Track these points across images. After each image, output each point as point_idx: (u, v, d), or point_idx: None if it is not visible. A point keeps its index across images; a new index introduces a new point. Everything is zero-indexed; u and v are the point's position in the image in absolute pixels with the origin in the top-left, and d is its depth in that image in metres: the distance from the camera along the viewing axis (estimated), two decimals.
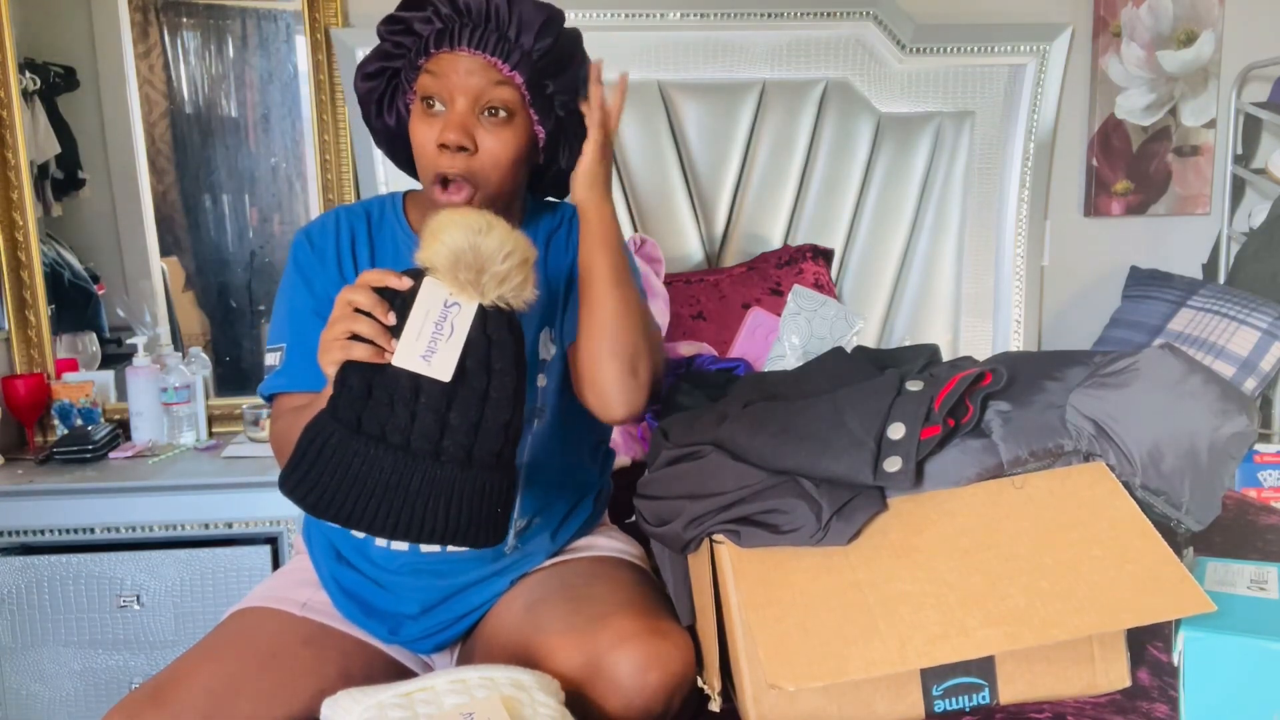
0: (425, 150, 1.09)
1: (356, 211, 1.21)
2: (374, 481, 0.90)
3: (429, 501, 0.90)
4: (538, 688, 0.90)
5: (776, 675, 0.87)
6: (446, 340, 0.92)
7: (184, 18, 2.34)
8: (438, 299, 0.93)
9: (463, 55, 1.07)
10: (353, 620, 1.16)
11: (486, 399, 0.93)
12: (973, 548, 0.95)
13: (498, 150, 1.09)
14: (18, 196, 2.19)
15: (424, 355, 0.92)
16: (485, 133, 1.08)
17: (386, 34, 1.12)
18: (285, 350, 1.15)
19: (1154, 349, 1.07)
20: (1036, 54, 2.35)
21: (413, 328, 0.92)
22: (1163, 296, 2.33)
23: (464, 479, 0.91)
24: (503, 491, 0.94)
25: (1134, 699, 0.98)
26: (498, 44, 1.07)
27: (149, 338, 2.21)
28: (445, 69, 1.07)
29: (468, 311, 0.93)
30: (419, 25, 1.09)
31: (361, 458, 0.90)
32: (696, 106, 2.30)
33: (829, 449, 0.98)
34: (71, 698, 1.92)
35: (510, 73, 1.08)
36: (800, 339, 2.06)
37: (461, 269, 0.92)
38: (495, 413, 0.93)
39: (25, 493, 1.91)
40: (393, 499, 0.90)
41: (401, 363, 0.91)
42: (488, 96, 1.08)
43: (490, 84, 1.07)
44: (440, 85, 1.08)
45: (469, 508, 0.92)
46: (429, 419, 0.91)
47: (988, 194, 2.43)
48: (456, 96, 1.07)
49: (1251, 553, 1.37)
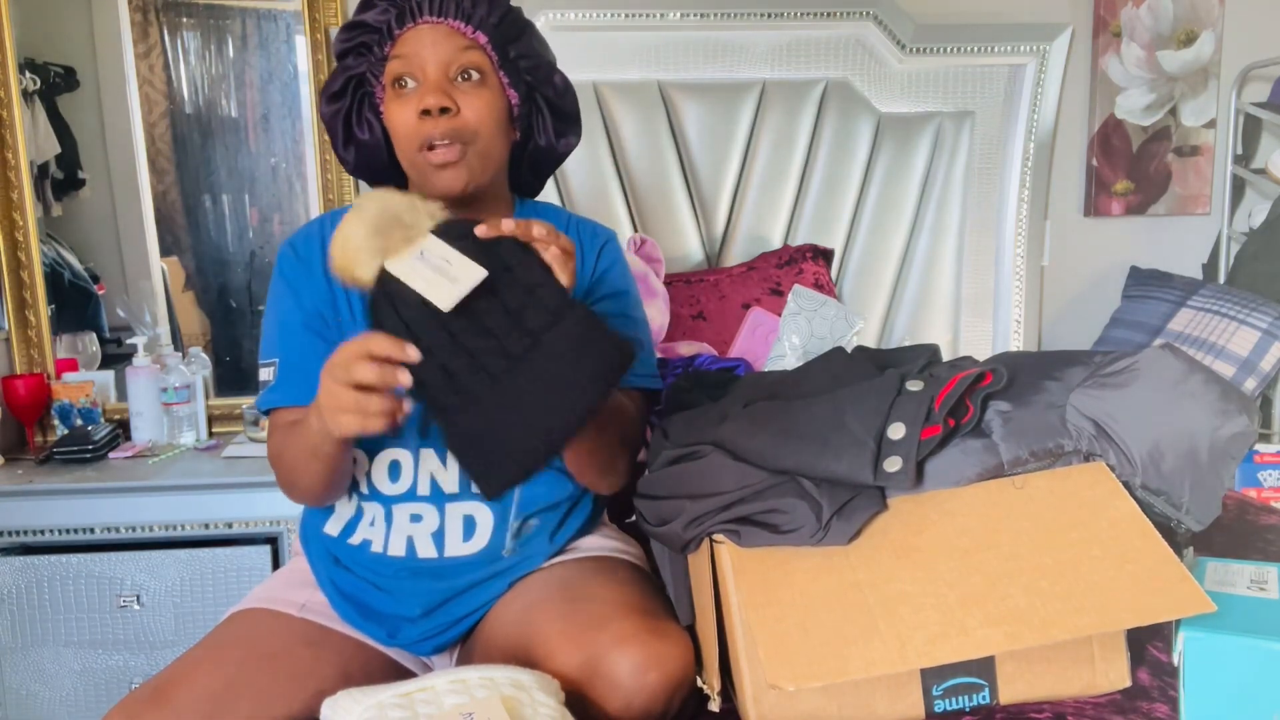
0: (406, 126, 1.10)
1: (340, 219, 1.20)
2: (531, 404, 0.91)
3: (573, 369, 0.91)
4: (538, 688, 0.90)
5: (776, 675, 0.87)
6: (450, 263, 0.92)
7: (184, 18, 2.34)
8: (407, 262, 0.93)
9: (425, 27, 1.10)
10: (351, 623, 1.16)
11: (514, 271, 0.93)
12: (973, 548, 0.95)
13: (481, 109, 1.11)
14: (18, 196, 2.19)
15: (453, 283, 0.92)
16: (463, 95, 1.11)
17: (346, 40, 1.14)
18: (278, 365, 1.16)
19: (1154, 349, 1.07)
20: (1036, 54, 2.35)
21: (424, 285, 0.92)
22: (1163, 296, 2.33)
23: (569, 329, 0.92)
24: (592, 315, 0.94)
25: (1134, 699, 0.98)
26: (457, 9, 1.10)
27: (149, 338, 2.21)
28: (411, 47, 1.10)
29: (434, 242, 0.93)
30: (375, 18, 1.12)
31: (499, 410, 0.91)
32: (696, 106, 2.30)
33: (829, 449, 0.98)
34: (71, 698, 1.92)
35: (475, 34, 1.11)
36: (800, 339, 2.06)
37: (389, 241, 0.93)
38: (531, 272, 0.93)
39: (25, 493, 1.90)
40: (556, 396, 0.91)
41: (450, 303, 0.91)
42: (458, 61, 1.11)
43: (458, 49, 1.10)
44: (409, 63, 1.10)
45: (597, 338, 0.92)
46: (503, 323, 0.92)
47: (988, 194, 2.43)
48: (427, 67, 1.10)
49: (1251, 553, 1.37)
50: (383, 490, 1.15)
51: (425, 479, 1.15)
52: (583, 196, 2.30)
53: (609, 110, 2.28)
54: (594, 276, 1.23)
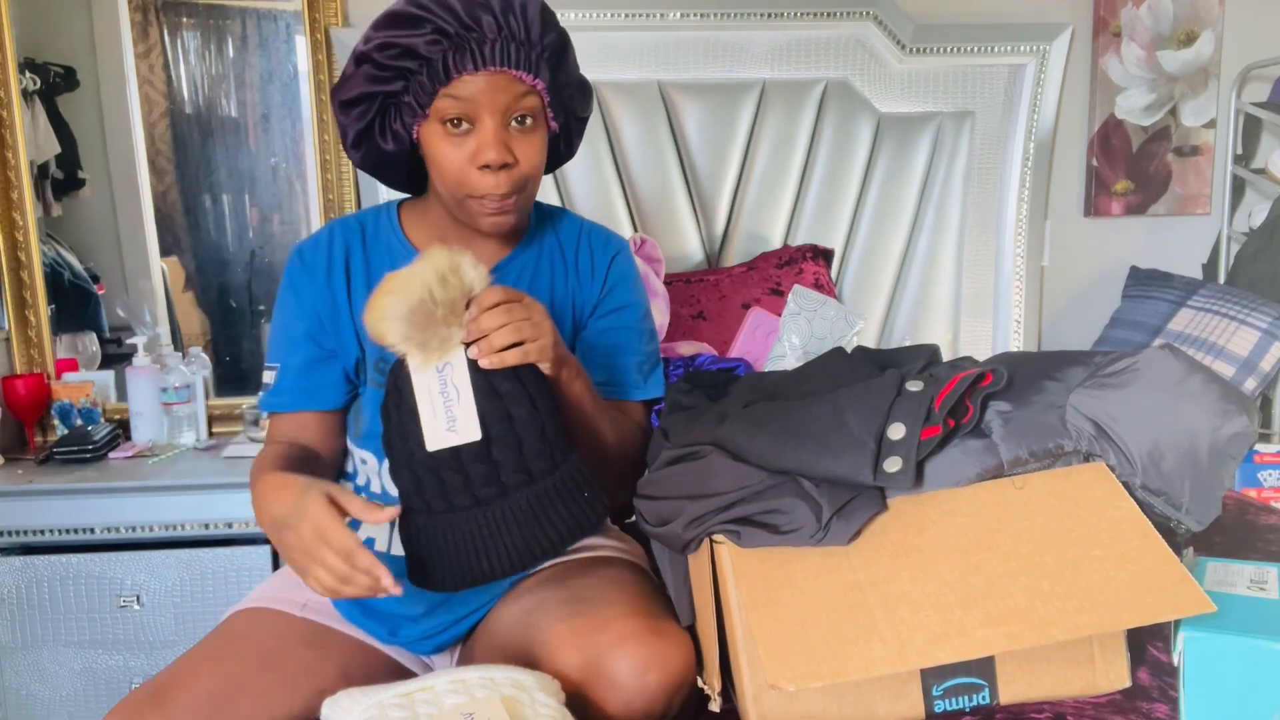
0: (458, 171, 1.07)
1: (351, 225, 1.20)
2: (474, 543, 0.96)
3: (525, 528, 0.96)
4: (538, 688, 0.90)
5: (776, 675, 0.87)
6: (459, 402, 0.95)
7: (184, 18, 2.34)
8: (428, 371, 0.95)
9: (484, 74, 1.04)
10: (352, 621, 1.16)
11: (513, 421, 0.96)
12: (973, 548, 0.95)
13: (534, 157, 1.09)
14: (18, 196, 2.19)
15: (449, 428, 0.95)
16: (518, 143, 1.07)
17: (382, 58, 1.06)
18: (279, 370, 1.17)
19: (1154, 349, 1.07)
20: (1036, 54, 2.35)
21: (425, 410, 0.95)
22: (1163, 296, 2.33)
23: (539, 493, 0.97)
24: (575, 480, 0.99)
25: (1134, 699, 0.98)
26: (518, 54, 1.04)
27: (149, 338, 2.21)
28: (469, 91, 1.04)
29: (459, 365, 0.95)
30: (426, 48, 1.04)
31: (449, 531, 0.96)
32: (696, 106, 2.30)
33: (829, 449, 0.98)
34: (71, 698, 1.92)
35: (534, 81, 1.06)
36: (800, 339, 2.06)
37: (423, 336, 0.93)
38: (528, 430, 0.96)
39: (25, 493, 1.90)
40: (498, 545, 0.96)
41: (435, 446, 0.95)
42: (515, 109, 1.06)
43: (516, 97, 1.06)
44: (465, 107, 1.04)
45: (560, 509, 0.98)
46: (479, 469, 0.96)
47: (988, 194, 2.43)
48: (484, 115, 1.05)
49: (1251, 553, 1.37)
50: (390, 491, 1.15)
51: None
52: (583, 196, 2.30)
53: (609, 110, 2.28)
54: (603, 291, 1.22)
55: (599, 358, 1.20)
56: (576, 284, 1.21)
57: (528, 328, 0.97)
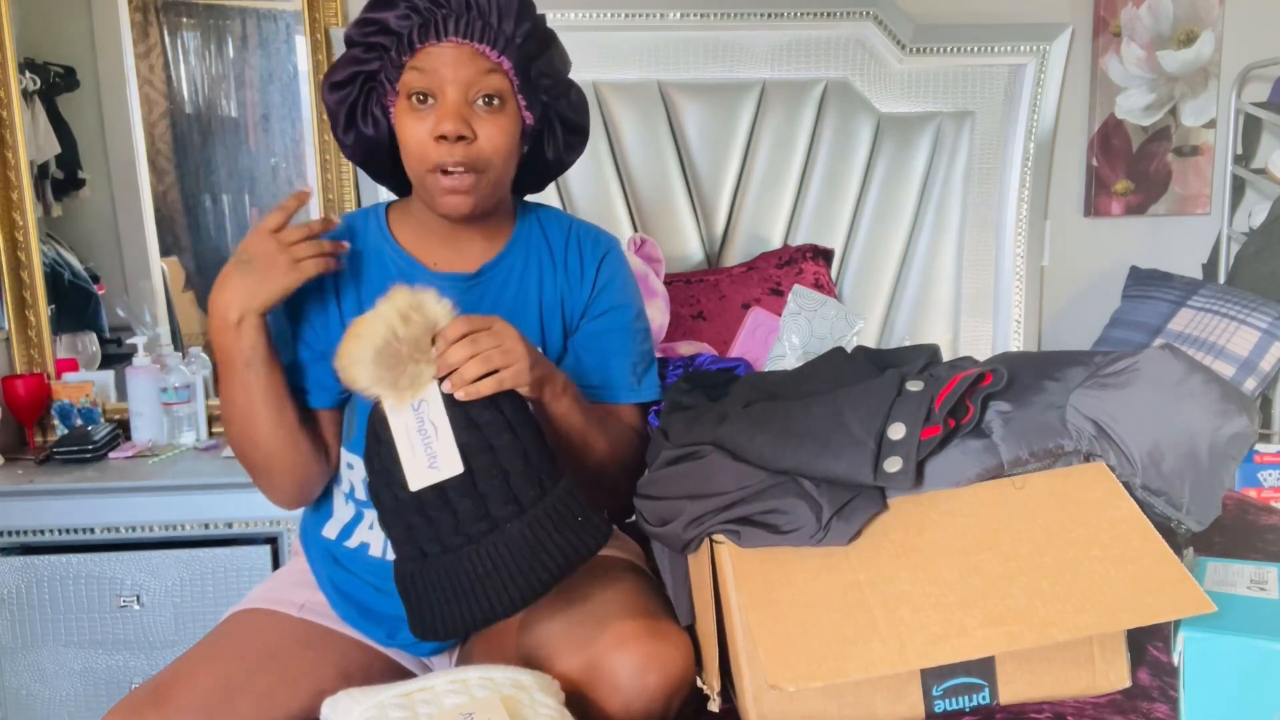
0: (418, 145, 1.07)
1: (339, 227, 1.20)
2: (470, 582, 0.94)
3: (522, 561, 0.94)
4: (538, 688, 0.90)
5: (776, 675, 0.87)
6: (437, 437, 0.94)
7: (184, 18, 2.34)
8: (403, 410, 0.95)
9: (449, 46, 1.05)
10: (350, 623, 1.16)
11: (495, 451, 0.94)
12: (973, 548, 0.95)
13: (497, 137, 1.08)
14: (18, 196, 2.19)
15: (430, 465, 0.94)
16: (481, 121, 1.07)
17: (360, 36, 1.09)
18: None
19: (1154, 349, 1.07)
20: (1036, 54, 2.35)
21: (405, 450, 0.94)
22: (1163, 296, 2.33)
23: (531, 523, 0.94)
24: (567, 504, 0.96)
25: (1134, 699, 0.98)
26: (483, 31, 1.06)
27: (149, 338, 2.21)
28: (432, 63, 1.06)
29: (434, 400, 0.95)
30: (396, 22, 1.07)
31: (443, 575, 0.94)
32: (696, 106, 2.30)
33: (829, 449, 0.98)
34: (71, 698, 1.92)
35: (499, 59, 1.07)
36: (800, 339, 2.06)
37: (393, 375, 0.93)
38: (512, 458, 0.95)
39: (25, 493, 1.90)
40: (495, 582, 0.93)
41: (417, 485, 0.94)
42: (479, 85, 1.06)
43: (480, 72, 1.06)
44: (429, 79, 1.06)
45: (556, 537, 0.95)
46: (466, 505, 0.94)
47: (988, 194, 2.43)
48: (447, 88, 1.06)
49: (1251, 553, 1.37)
50: None
51: None
52: (583, 196, 2.30)
53: (609, 110, 2.28)
54: (593, 292, 1.20)
55: (591, 361, 1.19)
56: (566, 285, 1.20)
57: (497, 356, 0.96)
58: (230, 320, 1.03)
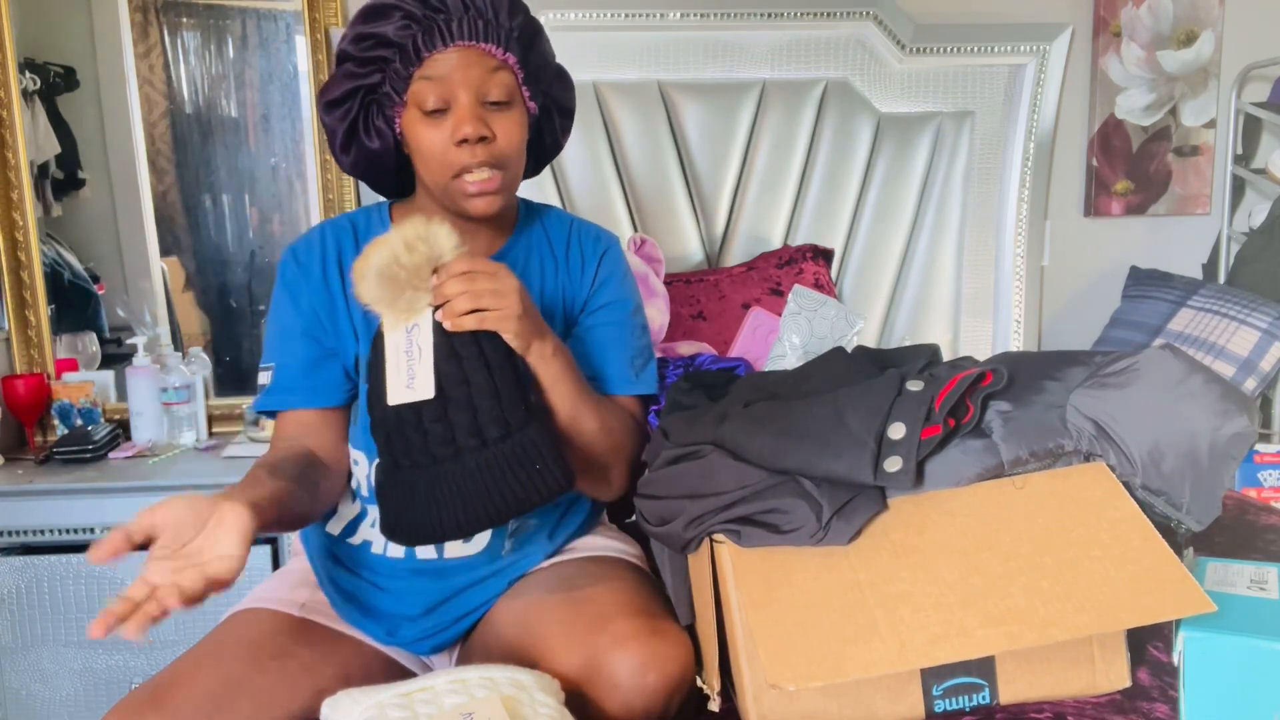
0: (439, 152, 1.07)
1: (342, 225, 1.20)
2: (428, 500, 0.99)
3: (475, 491, 0.99)
4: (537, 688, 0.90)
5: (776, 675, 0.87)
6: (419, 361, 1.00)
7: (184, 18, 2.34)
8: (397, 330, 1.01)
9: (455, 51, 1.06)
10: (350, 621, 1.16)
11: (470, 386, 0.99)
12: (973, 548, 0.95)
13: (513, 134, 1.10)
14: (18, 196, 2.19)
15: (408, 385, 1.00)
16: (496, 119, 1.08)
17: (358, 51, 1.08)
18: (274, 369, 1.17)
19: (1154, 349, 1.07)
20: (1036, 54, 2.35)
21: (390, 367, 1.01)
22: (1163, 296, 2.33)
23: (490, 458, 0.99)
24: (528, 450, 1.00)
25: (1134, 699, 0.98)
26: (486, 30, 1.06)
27: (149, 338, 2.21)
28: (441, 69, 1.06)
29: (425, 326, 1.00)
30: (396, 34, 1.06)
31: (411, 486, 1.00)
32: (696, 106, 2.30)
33: (829, 448, 0.98)
34: (71, 698, 1.92)
35: (504, 55, 1.08)
36: (800, 339, 2.06)
37: (390, 296, 0.99)
38: (482, 395, 0.99)
39: (25, 493, 1.90)
40: (449, 506, 0.99)
41: (395, 400, 1.00)
42: (489, 85, 1.07)
43: (488, 72, 1.07)
44: (440, 87, 1.06)
45: (509, 477, 0.99)
46: (437, 429, 0.99)
47: (988, 194, 2.43)
48: (459, 93, 1.06)
49: (1251, 553, 1.37)
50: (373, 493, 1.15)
51: None
52: (583, 196, 2.30)
53: (609, 110, 2.28)
54: (593, 287, 1.21)
55: (590, 353, 1.20)
56: (567, 280, 1.21)
57: (488, 297, 0.99)
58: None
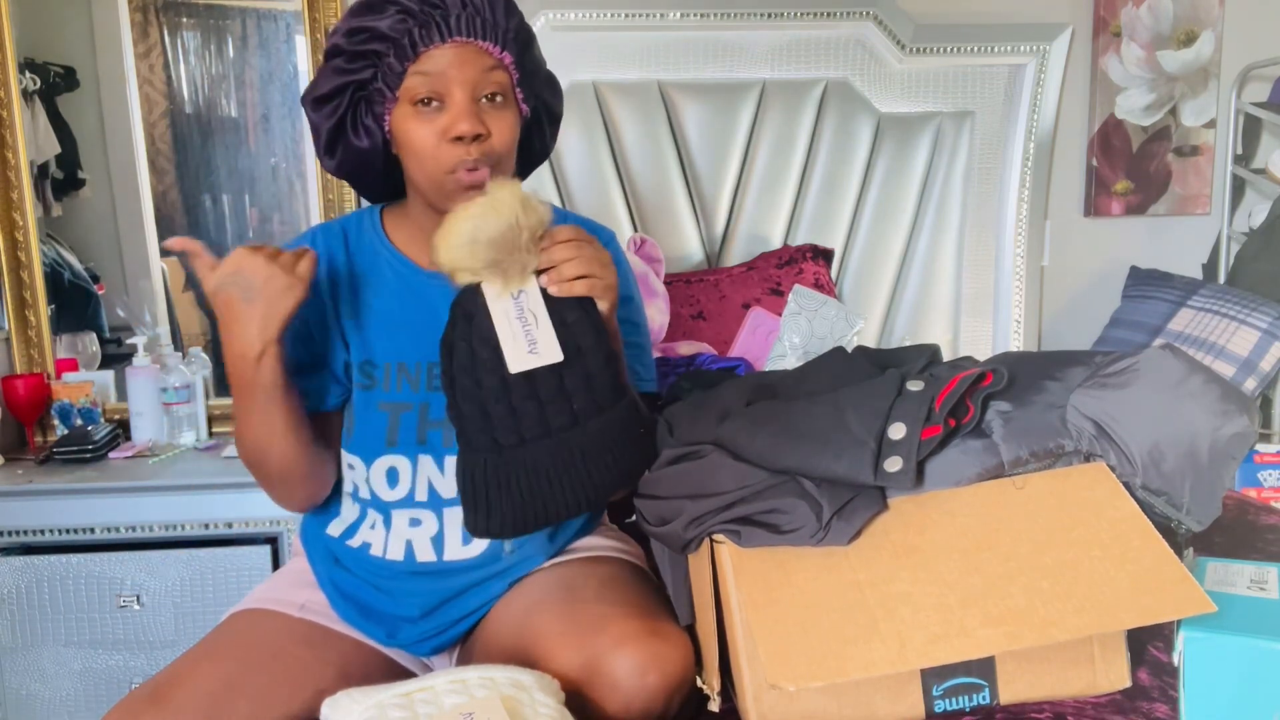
0: (432, 149, 1.06)
1: (333, 230, 1.19)
2: (545, 478, 0.96)
3: (596, 460, 0.97)
4: (538, 688, 0.90)
5: (776, 675, 0.87)
6: (537, 326, 0.96)
7: (184, 18, 2.33)
8: (504, 298, 0.97)
9: (451, 46, 1.05)
10: (350, 623, 1.16)
11: (581, 352, 0.98)
12: (973, 548, 0.95)
13: (506, 133, 1.09)
14: (18, 196, 2.19)
15: (530, 351, 0.96)
16: (490, 117, 1.07)
17: (350, 45, 1.07)
18: None
19: (1154, 349, 1.07)
20: (1036, 54, 2.35)
21: (505, 335, 0.96)
22: (1163, 296, 2.33)
23: (607, 423, 0.98)
24: (635, 414, 1.01)
25: (1134, 699, 0.98)
26: (483, 27, 1.06)
27: (149, 338, 2.21)
28: (436, 65, 1.05)
29: (533, 292, 0.97)
30: (390, 28, 1.05)
31: (518, 467, 0.96)
32: (696, 106, 2.30)
33: (829, 448, 0.98)
34: (71, 698, 1.92)
35: (500, 54, 1.07)
36: (800, 339, 2.06)
37: (506, 260, 0.95)
38: (595, 360, 0.98)
39: (25, 493, 1.90)
40: (570, 479, 0.97)
41: (518, 368, 0.95)
42: (484, 83, 1.07)
43: (484, 70, 1.06)
44: (434, 82, 1.05)
45: (624, 443, 0.99)
46: (553, 397, 0.96)
47: (988, 194, 2.43)
48: (453, 89, 1.05)
49: (1251, 553, 1.37)
50: (382, 496, 1.15)
51: (423, 484, 1.14)
52: (583, 196, 2.30)
53: (609, 110, 2.28)
54: None
55: None
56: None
57: (596, 265, 1.00)
58: (252, 356, 1.03)
